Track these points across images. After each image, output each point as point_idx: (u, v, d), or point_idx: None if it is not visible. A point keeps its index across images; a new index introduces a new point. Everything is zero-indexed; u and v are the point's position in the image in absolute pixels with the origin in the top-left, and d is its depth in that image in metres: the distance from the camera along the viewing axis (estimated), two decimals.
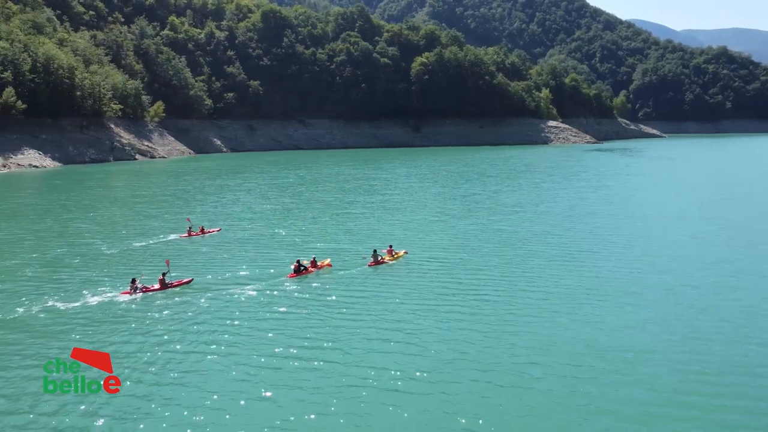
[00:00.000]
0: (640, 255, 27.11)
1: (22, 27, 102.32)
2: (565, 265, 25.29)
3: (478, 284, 22.72)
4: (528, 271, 24.60)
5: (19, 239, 32.06)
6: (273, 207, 44.06)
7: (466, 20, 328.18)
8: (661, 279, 23.17)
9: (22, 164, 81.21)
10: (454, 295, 21.34)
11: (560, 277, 23.45)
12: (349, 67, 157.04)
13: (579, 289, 21.82)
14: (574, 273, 24.14)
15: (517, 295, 21.29)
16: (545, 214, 39.31)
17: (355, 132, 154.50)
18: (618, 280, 22.98)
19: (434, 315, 19.17)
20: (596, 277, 23.58)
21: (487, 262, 26.13)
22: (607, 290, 21.70)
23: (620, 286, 22.25)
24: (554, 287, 22.02)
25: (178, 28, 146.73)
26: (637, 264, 25.47)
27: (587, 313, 19.22)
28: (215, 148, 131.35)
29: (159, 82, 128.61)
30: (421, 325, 18.21)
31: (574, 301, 20.47)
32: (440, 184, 59.28)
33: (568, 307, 19.80)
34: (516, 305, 20.13)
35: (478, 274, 24.28)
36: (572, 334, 17.36)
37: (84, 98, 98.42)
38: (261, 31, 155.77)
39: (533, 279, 23.29)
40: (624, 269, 24.63)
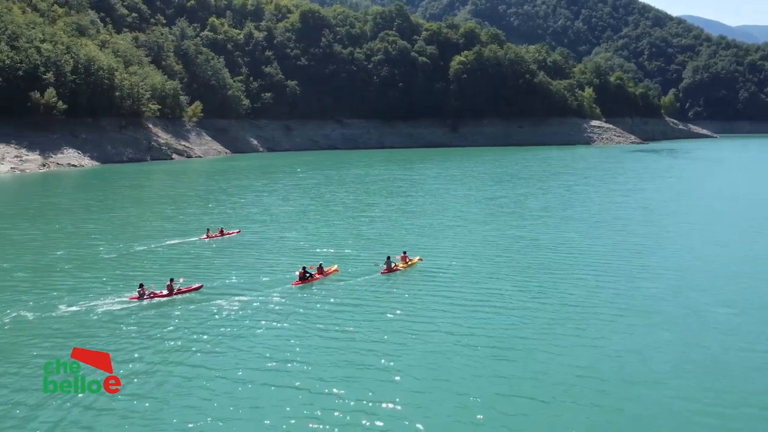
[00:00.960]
0: (665, 267, 25.02)
1: (66, 29, 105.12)
2: (584, 277, 23.51)
3: (492, 295, 21.35)
4: (545, 282, 22.95)
5: (33, 239, 32.09)
6: (292, 209, 43.28)
7: (509, 18, 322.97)
8: (687, 295, 21.15)
9: (61, 163, 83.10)
10: (467, 306, 20.11)
11: (578, 290, 21.75)
12: (386, 66, 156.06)
13: (595, 304, 20.14)
14: (593, 286, 22.37)
15: (533, 308, 19.84)
16: (571, 219, 37.29)
17: (391, 132, 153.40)
18: (637, 295, 21.09)
19: (446, 327, 18.03)
20: (615, 291, 21.72)
21: (503, 272, 24.67)
22: (624, 306, 19.88)
23: (639, 301, 20.39)
24: (571, 301, 20.39)
25: (217, 28, 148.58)
26: (661, 277, 23.45)
27: (598, 332, 17.60)
28: (252, 147, 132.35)
29: (198, 82, 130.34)
30: (432, 339, 17.12)
31: (588, 317, 18.87)
32: (467, 186, 57.53)
33: (580, 324, 18.26)
34: (532, 319, 18.76)
35: (492, 284, 22.86)
36: (579, 353, 16.01)
37: (123, 98, 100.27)
38: (299, 31, 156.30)
39: (551, 291, 21.69)
40: (645, 282, 22.67)
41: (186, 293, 21.70)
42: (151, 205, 46.81)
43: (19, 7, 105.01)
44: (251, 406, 13.30)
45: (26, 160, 78.82)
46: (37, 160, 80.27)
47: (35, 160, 79.99)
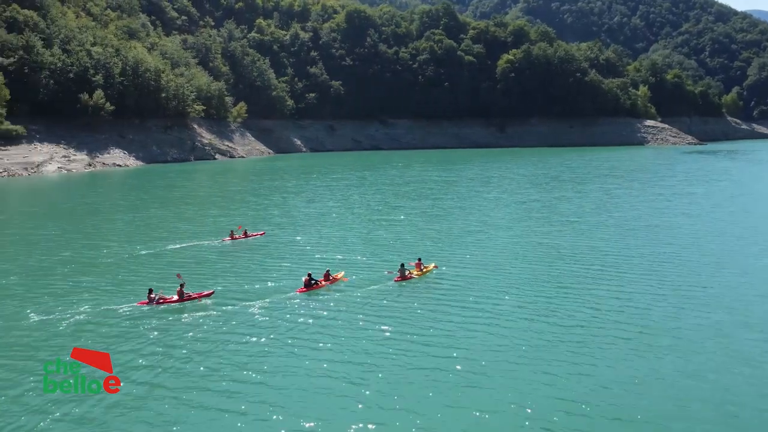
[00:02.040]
0: (697, 284, 22.69)
1: (117, 33, 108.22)
2: (605, 292, 21.49)
3: (508, 307, 19.89)
4: (562, 294, 21.18)
5: (51, 238, 32.31)
6: (315, 211, 42.46)
7: (563, 15, 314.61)
8: (715, 317, 18.99)
9: (106, 163, 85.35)
10: (479, 318, 18.78)
11: (598, 306, 19.86)
12: (432, 65, 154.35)
13: (613, 322, 18.32)
14: (613, 301, 20.40)
15: (547, 321, 18.45)
16: (602, 226, 34.95)
17: (436, 132, 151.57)
18: (659, 315, 19.03)
19: (458, 341, 16.84)
20: (636, 307, 19.69)
21: (521, 282, 22.93)
22: (645, 325, 17.96)
23: (659, 322, 18.36)
24: (589, 319, 18.67)
25: (264, 30, 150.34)
26: (692, 295, 21.19)
27: (612, 354, 15.95)
28: (295, 148, 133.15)
29: (243, 83, 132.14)
30: (441, 353, 15.94)
31: (604, 336, 17.19)
32: (501, 189, 55.44)
33: (596, 344, 16.66)
34: (545, 334, 17.39)
35: (509, 295, 21.27)
36: (596, 375, 14.73)
37: (169, 100, 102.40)
38: (344, 31, 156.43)
39: (567, 305, 19.99)
40: (670, 300, 20.54)
41: (196, 299, 21.00)
42: (181, 205, 46.90)
43: (74, 12, 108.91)
44: (250, 408, 13.09)
45: (73, 160, 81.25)
46: (84, 160, 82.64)
47: (82, 160, 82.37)
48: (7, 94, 76.92)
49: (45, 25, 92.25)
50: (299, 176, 71.72)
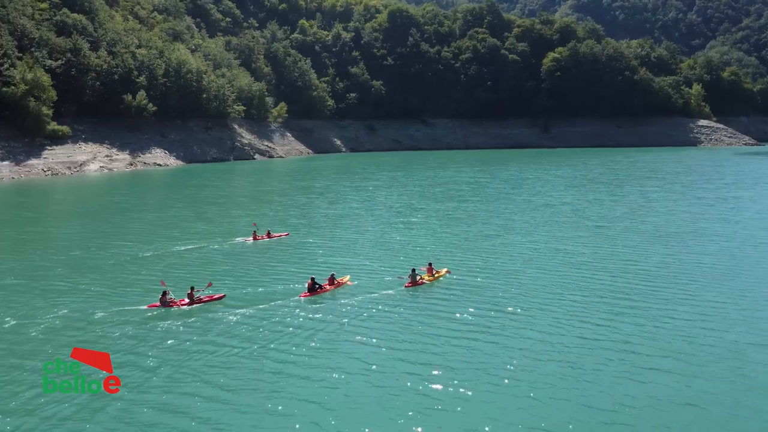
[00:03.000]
0: (721, 298, 20.84)
1: (161, 35, 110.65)
2: (623, 305, 20.01)
3: (520, 318, 18.81)
4: (580, 307, 19.81)
5: (71, 237, 32.78)
6: (336, 212, 41.98)
7: (614, 12, 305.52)
8: (730, 337, 17.32)
9: (147, 163, 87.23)
10: (490, 328, 17.83)
11: (614, 319, 18.59)
12: (474, 64, 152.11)
13: (632, 338, 17.00)
14: (630, 314, 18.95)
15: (563, 334, 17.31)
16: (632, 232, 33.03)
17: (478, 132, 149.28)
18: (675, 332, 17.52)
19: (465, 351, 16.03)
20: (650, 323, 18.19)
21: (535, 291, 21.65)
22: (657, 344, 16.53)
23: (671, 340, 16.87)
24: (607, 332, 17.51)
25: (307, 30, 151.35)
26: (711, 312, 19.43)
27: (629, 374, 14.76)
28: (335, 148, 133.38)
29: (285, 83, 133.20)
30: (447, 365, 15.15)
31: (620, 353, 16.00)
32: (534, 191, 53.58)
33: (607, 361, 15.55)
34: (562, 347, 16.36)
35: (522, 305, 20.08)
36: (612, 393, 13.85)
37: (210, 100, 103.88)
38: (386, 30, 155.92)
39: (585, 318, 18.71)
40: (691, 316, 18.92)
41: (207, 302, 20.63)
42: (207, 205, 47.11)
43: (122, 15, 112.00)
44: (249, 410, 13.01)
45: (115, 159, 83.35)
46: (126, 159, 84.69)
47: (124, 160, 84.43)
48: (54, 95, 79.33)
49: (93, 28, 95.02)
50: (330, 176, 71.47)
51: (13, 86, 74.04)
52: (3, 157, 70.38)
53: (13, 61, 77.30)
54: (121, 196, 53.33)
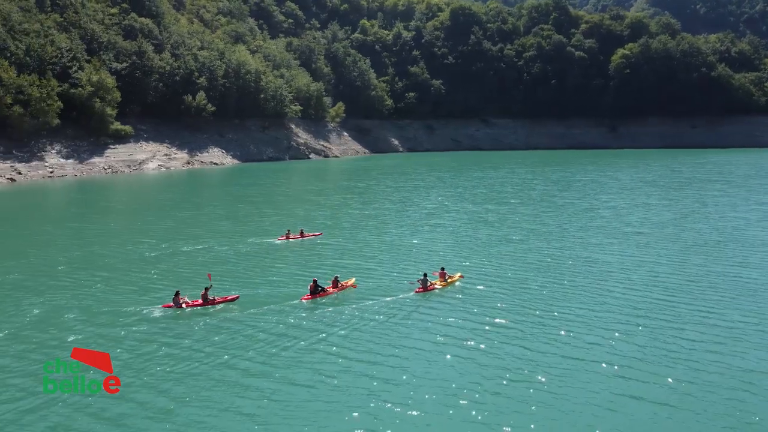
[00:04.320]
0: (743, 321, 18.62)
1: (223, 37, 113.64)
2: (649, 320, 18.31)
3: (533, 328, 17.66)
4: (601, 321, 18.28)
5: (103, 234, 33.55)
6: (365, 213, 41.22)
7: (695, 5, 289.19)
8: (744, 366, 15.28)
9: (204, 161, 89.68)
10: (501, 338, 16.81)
11: (637, 335, 17.06)
12: (538, 62, 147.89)
13: (646, 357, 15.56)
14: (643, 334, 17.20)
15: (578, 347, 16.17)
16: (670, 240, 30.45)
17: (541, 132, 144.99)
18: (704, 355, 15.76)
19: (471, 362, 15.22)
20: (660, 346, 16.37)
21: (553, 301, 20.25)
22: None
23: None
24: (627, 348, 16.11)
25: (368, 30, 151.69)
26: (726, 335, 17.36)
27: (633, 391, 13.64)
28: (392, 147, 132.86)
29: (344, 83, 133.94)
30: (449, 377, 14.41)
31: (637, 372, 14.65)
32: (578, 194, 50.89)
33: (630, 378, 14.34)
34: (575, 361, 15.29)
35: (537, 314, 18.83)
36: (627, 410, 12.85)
37: (267, 100, 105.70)
38: (448, 29, 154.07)
39: (602, 332, 17.29)
40: (722, 336, 16.99)
41: (221, 303, 20.30)
42: (248, 203, 47.47)
43: (187, 18, 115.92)
44: (249, 411, 12.86)
45: (173, 158, 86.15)
46: (183, 158, 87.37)
47: (181, 158, 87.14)
48: (118, 96, 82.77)
49: (158, 31, 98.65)
50: (377, 176, 70.85)
51: (80, 88, 77.79)
52: (68, 155, 74.07)
53: (81, 63, 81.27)
54: (167, 194, 54.78)
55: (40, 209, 46.00)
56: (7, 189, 58.25)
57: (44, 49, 76.06)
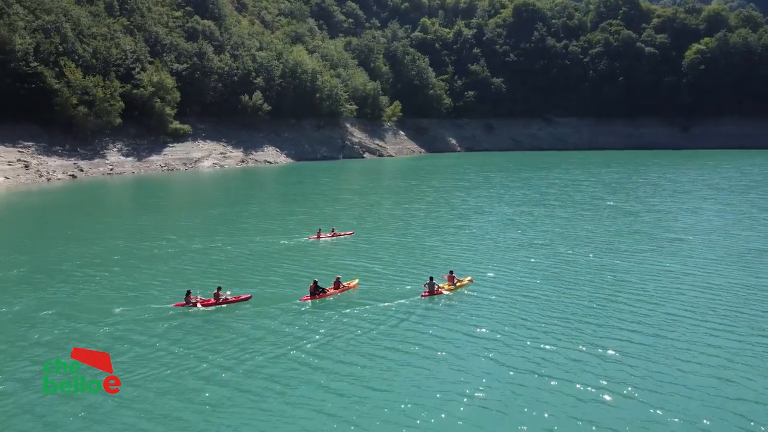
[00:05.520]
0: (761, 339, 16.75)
1: (283, 37, 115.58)
2: (667, 334, 16.94)
3: (542, 337, 16.78)
4: (613, 332, 17.12)
5: (131, 230, 34.53)
6: (394, 213, 40.59)
7: None
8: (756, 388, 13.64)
9: (258, 160, 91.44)
10: (506, 347, 16.13)
11: (634, 354, 15.72)
12: (605, 59, 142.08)
13: (667, 374, 14.37)
14: (673, 351, 15.83)
15: (586, 361, 15.22)
16: (709, 248, 28.06)
17: (606, 131, 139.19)
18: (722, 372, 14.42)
19: (473, 372, 14.58)
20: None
21: (567, 309, 19.18)
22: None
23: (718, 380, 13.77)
24: (645, 366, 14.93)
25: (428, 28, 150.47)
26: (741, 356, 15.64)
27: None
28: (450, 147, 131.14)
29: (402, 82, 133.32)
30: (450, 388, 13.82)
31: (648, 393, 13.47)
32: (628, 196, 48.10)
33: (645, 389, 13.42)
34: (579, 375, 14.42)
35: (548, 323, 17.91)
36: None
37: (322, 100, 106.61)
38: (510, 26, 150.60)
39: (614, 346, 16.14)
40: (740, 355, 15.44)
41: (233, 303, 20.18)
42: (287, 201, 48.06)
43: (249, 20, 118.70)
44: (248, 413, 12.76)
45: (228, 157, 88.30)
46: (238, 157, 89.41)
47: (236, 157, 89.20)
48: (177, 96, 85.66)
49: (219, 33, 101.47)
50: (423, 176, 69.91)
51: (141, 88, 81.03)
52: (128, 153, 77.30)
53: (144, 65, 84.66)
54: (214, 191, 56.01)
55: (82, 204, 47.80)
56: (67, 185, 61.27)
57: (109, 52, 79.68)
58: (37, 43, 71.05)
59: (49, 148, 68.96)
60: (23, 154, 64.99)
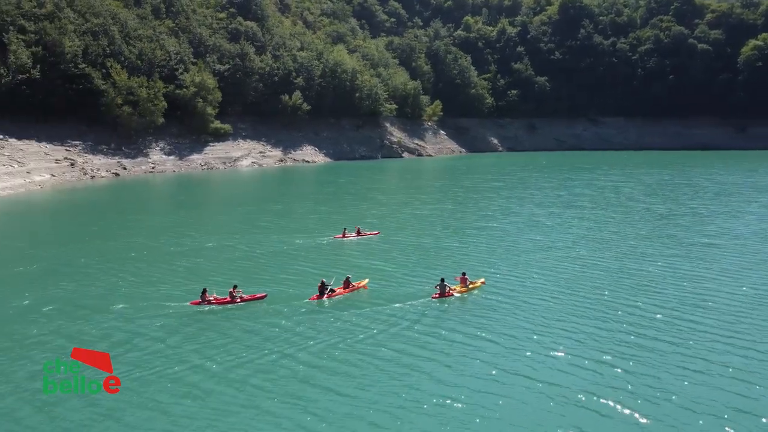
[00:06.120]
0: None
1: (324, 38, 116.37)
2: (684, 348, 16.18)
3: (553, 342, 16.48)
4: (626, 343, 16.45)
5: (162, 228, 35.28)
6: (418, 213, 40.23)
7: None
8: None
9: (296, 159, 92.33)
10: (514, 352, 15.88)
11: (665, 361, 15.24)
12: (655, 56, 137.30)
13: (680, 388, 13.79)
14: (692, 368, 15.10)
15: (596, 370, 14.80)
16: (742, 254, 26.67)
17: (655, 131, 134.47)
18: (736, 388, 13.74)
19: (479, 377, 14.41)
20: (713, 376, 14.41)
21: (580, 314, 18.71)
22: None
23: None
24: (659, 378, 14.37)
25: (471, 27, 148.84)
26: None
27: None
28: (491, 147, 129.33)
29: (443, 81, 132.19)
30: (453, 393, 13.64)
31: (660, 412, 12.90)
32: (665, 199, 46.25)
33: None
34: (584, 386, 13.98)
35: (560, 328, 17.56)
36: None
37: (362, 99, 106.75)
38: (556, 23, 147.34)
39: (625, 358, 15.53)
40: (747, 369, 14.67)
41: (248, 301, 20.34)
42: (319, 200, 48.31)
43: (291, 20, 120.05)
44: (247, 413, 12.82)
45: (267, 156, 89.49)
46: (276, 156, 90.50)
47: (275, 156, 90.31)
48: (219, 96, 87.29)
49: (261, 34, 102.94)
50: (458, 176, 69.17)
51: (184, 89, 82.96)
52: (170, 152, 79.30)
53: (187, 66, 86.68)
54: (247, 189, 56.85)
55: (118, 202, 48.97)
56: (109, 183, 63.30)
57: (154, 53, 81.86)
58: (85, 45, 73.63)
59: (95, 146, 71.38)
60: (70, 153, 67.47)
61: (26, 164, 59.36)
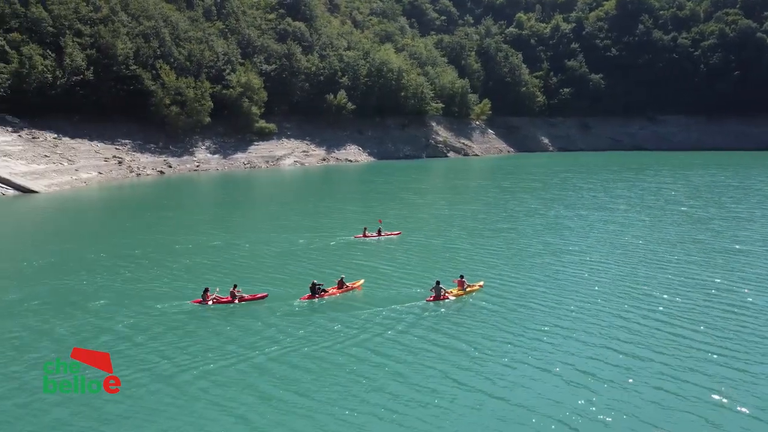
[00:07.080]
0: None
1: (372, 37, 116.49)
2: (688, 357, 15.41)
3: (550, 349, 16.01)
4: (626, 351, 15.81)
5: (186, 226, 35.90)
6: (442, 213, 39.61)
7: None
8: None
9: (340, 158, 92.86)
10: (509, 359, 15.49)
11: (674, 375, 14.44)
12: (719, 52, 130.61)
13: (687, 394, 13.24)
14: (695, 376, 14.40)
15: (593, 376, 14.36)
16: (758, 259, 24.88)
17: (717, 130, 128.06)
18: None
19: (472, 385, 14.05)
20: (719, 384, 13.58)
21: (581, 323, 17.93)
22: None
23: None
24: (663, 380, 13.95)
25: (523, 24, 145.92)
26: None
27: None
28: (541, 146, 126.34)
29: (493, 79, 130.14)
30: (449, 402, 13.37)
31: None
32: (708, 201, 43.72)
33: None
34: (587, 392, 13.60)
35: (558, 334, 17.02)
36: None
37: (407, 98, 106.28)
38: (613, 19, 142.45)
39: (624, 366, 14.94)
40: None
41: (249, 301, 20.42)
42: (350, 199, 48.48)
43: (340, 20, 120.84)
44: (248, 414, 12.82)
45: (310, 155, 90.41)
46: (320, 155, 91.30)
47: (318, 155, 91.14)
48: (264, 96, 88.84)
49: (309, 34, 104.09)
50: (499, 176, 67.79)
51: (230, 89, 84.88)
52: (215, 151, 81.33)
53: (234, 66, 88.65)
54: (273, 188, 57.50)
55: (154, 199, 50.33)
56: (154, 180, 65.44)
57: (203, 54, 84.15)
58: (137, 47, 76.45)
59: (143, 145, 74.00)
60: (119, 151, 70.18)
61: (76, 162, 62.12)
